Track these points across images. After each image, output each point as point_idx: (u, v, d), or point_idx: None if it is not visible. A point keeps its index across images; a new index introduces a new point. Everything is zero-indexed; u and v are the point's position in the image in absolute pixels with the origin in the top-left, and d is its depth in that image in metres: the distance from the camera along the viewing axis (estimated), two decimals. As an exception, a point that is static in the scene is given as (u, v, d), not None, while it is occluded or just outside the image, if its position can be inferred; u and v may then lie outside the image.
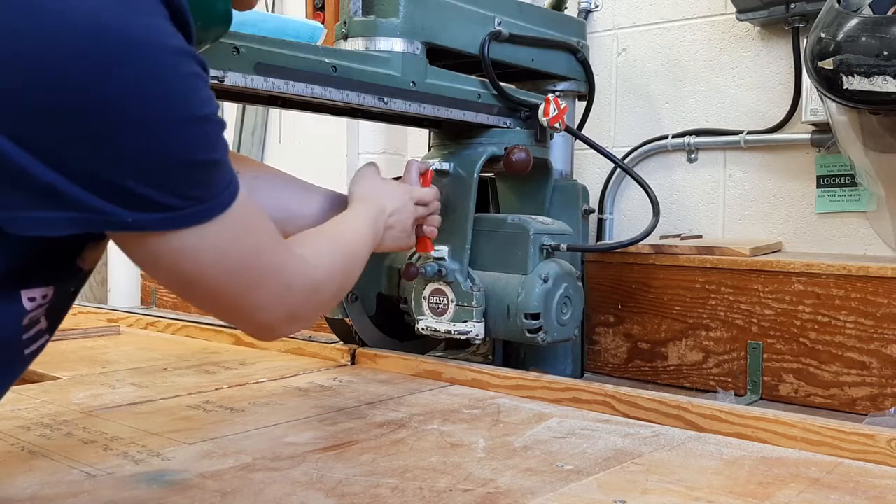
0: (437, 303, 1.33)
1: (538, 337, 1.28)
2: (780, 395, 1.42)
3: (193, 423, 1.04)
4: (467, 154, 1.35)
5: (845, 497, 0.80)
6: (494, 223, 1.36)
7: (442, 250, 1.31)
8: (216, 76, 0.96)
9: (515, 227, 1.33)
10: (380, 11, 1.23)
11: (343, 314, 1.42)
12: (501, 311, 1.30)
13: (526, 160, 1.32)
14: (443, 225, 1.24)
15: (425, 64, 1.25)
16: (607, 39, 1.85)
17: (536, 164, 1.39)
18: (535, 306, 1.28)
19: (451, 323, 1.32)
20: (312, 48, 1.08)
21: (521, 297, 1.28)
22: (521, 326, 1.28)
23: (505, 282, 1.31)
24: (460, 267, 1.32)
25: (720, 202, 1.71)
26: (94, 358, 1.48)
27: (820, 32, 1.25)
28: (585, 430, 1.03)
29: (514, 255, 1.32)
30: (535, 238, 1.31)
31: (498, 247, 1.34)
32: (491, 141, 1.36)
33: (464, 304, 1.31)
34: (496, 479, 0.84)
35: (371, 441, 0.97)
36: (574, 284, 1.34)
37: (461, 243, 1.32)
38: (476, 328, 1.30)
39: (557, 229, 1.36)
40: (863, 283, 1.33)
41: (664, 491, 0.81)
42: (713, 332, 1.49)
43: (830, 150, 1.55)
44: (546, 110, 1.37)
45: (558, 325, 1.31)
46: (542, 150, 1.45)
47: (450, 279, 1.31)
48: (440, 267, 1.32)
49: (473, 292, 1.30)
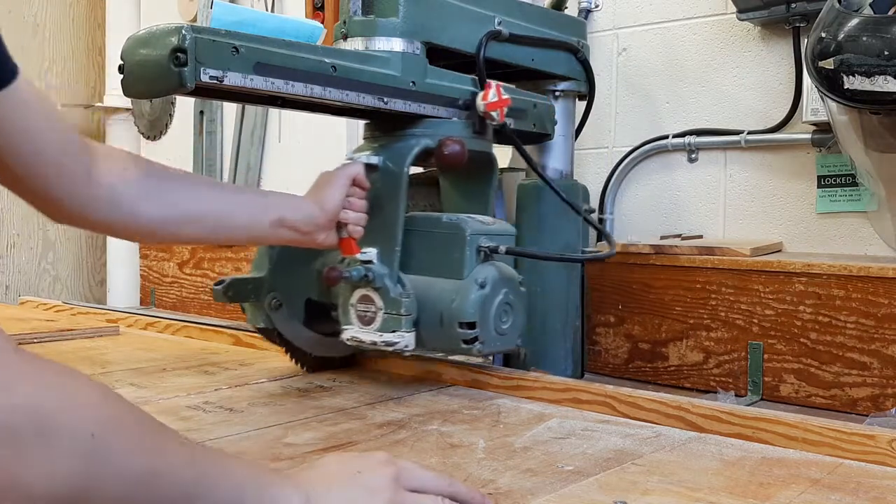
0: (365, 310, 1.19)
1: (473, 348, 1.15)
2: (781, 396, 1.41)
3: (193, 423, 1.04)
4: (398, 147, 1.22)
5: (846, 498, 0.80)
6: (428, 223, 1.23)
7: (369, 252, 1.17)
8: (215, 76, 0.96)
9: (450, 227, 1.20)
10: (379, 11, 1.22)
11: (266, 322, 1.28)
12: (434, 319, 1.17)
13: (460, 153, 1.20)
14: (371, 224, 1.15)
15: (425, 64, 1.24)
16: (608, 39, 1.85)
17: (477, 159, 1.29)
18: (470, 314, 1.14)
19: (378, 333, 1.17)
20: (312, 48, 1.07)
21: (455, 303, 1.15)
22: (456, 336, 1.14)
23: (439, 287, 1.18)
24: (389, 271, 1.17)
25: (721, 202, 1.70)
26: (93, 358, 1.48)
27: (821, 32, 1.24)
28: (586, 431, 1.03)
29: (449, 257, 1.19)
30: (472, 239, 1.18)
31: (432, 249, 1.21)
32: (425, 132, 1.23)
33: (392, 312, 1.16)
34: (496, 479, 0.83)
35: (371, 442, 0.97)
36: (516, 290, 1.21)
37: (391, 245, 1.18)
38: (405, 339, 1.15)
39: (498, 230, 1.23)
40: (864, 283, 1.33)
41: (665, 492, 0.81)
42: (714, 333, 1.49)
43: (831, 149, 1.54)
44: (485, 95, 1.25)
45: (497, 334, 1.17)
46: (482, 142, 1.31)
47: (378, 284, 1.17)
48: (367, 271, 1.17)
49: (403, 299, 1.15)
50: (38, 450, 0.49)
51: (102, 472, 0.52)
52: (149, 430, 0.57)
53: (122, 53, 0.99)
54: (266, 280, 1.26)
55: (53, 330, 1.69)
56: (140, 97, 1.13)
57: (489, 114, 1.25)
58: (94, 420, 0.52)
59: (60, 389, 0.52)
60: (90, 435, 0.51)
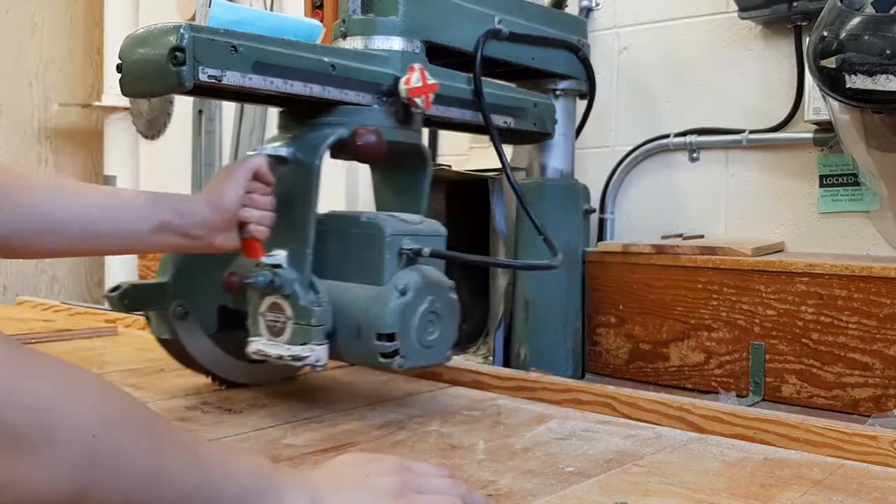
0: (275, 320, 1.06)
1: (394, 362, 1.02)
2: (783, 397, 1.41)
3: (191, 424, 1.03)
4: (311, 137, 1.09)
5: (848, 499, 0.80)
6: (346, 222, 1.11)
7: (278, 255, 1.05)
8: (214, 75, 0.96)
9: (368, 228, 1.07)
10: (379, 10, 1.22)
11: (170, 333, 1.15)
12: (351, 330, 1.04)
13: (376, 144, 1.07)
14: (280, 224, 1.04)
15: (425, 63, 1.24)
16: (608, 38, 1.84)
17: (406, 152, 1.18)
18: (389, 325, 1.01)
19: (286, 346, 1.04)
20: (311, 47, 1.07)
21: (372, 312, 1.02)
22: (374, 349, 1.02)
23: (356, 294, 1.06)
24: (300, 276, 1.05)
25: (722, 202, 1.70)
26: (91, 359, 1.47)
27: (822, 31, 1.24)
28: (586, 432, 1.02)
29: (367, 261, 1.06)
30: (392, 241, 1.05)
31: (349, 251, 1.09)
32: (340, 121, 1.10)
33: (302, 322, 1.03)
34: (497, 480, 0.83)
35: (371, 442, 0.96)
36: (444, 297, 1.07)
37: (301, 246, 1.06)
38: (315, 352, 1.02)
39: (424, 230, 1.10)
40: (866, 283, 1.32)
41: (666, 493, 0.80)
42: (715, 333, 1.48)
43: (833, 149, 1.54)
44: (408, 79, 1.13)
45: (421, 347, 1.04)
46: (408, 133, 1.18)
47: (286, 291, 1.04)
48: (275, 276, 1.04)
49: (314, 308, 1.03)
50: (39, 449, 0.48)
51: (103, 472, 0.52)
52: (151, 429, 0.56)
53: (121, 52, 0.99)
54: (170, 286, 1.13)
55: (51, 330, 1.68)
56: (138, 96, 1.12)
57: (413, 100, 1.13)
58: (95, 420, 0.52)
59: (62, 388, 0.51)
60: (92, 435, 0.51)
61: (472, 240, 1.88)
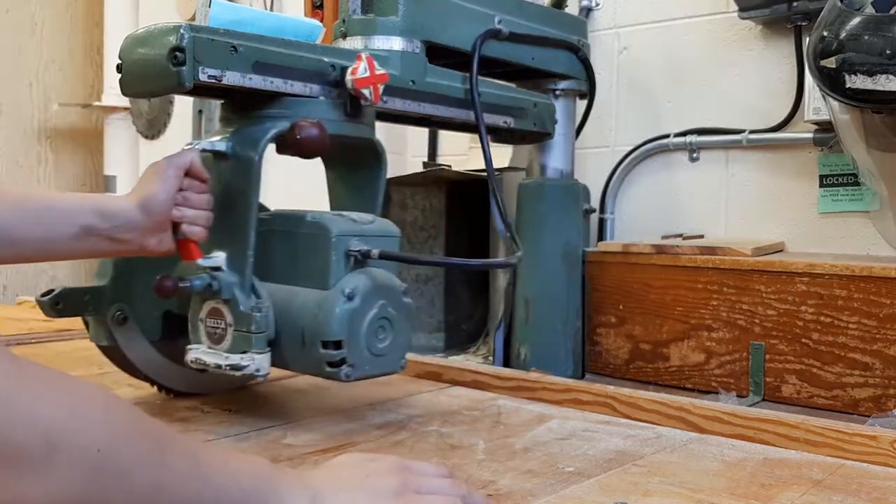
0: (215, 327, 1.00)
1: (341, 372, 0.96)
2: (783, 397, 1.41)
3: (192, 424, 1.03)
4: (251, 131, 1.02)
5: (848, 499, 0.80)
6: (290, 222, 1.04)
7: (217, 257, 0.99)
8: (214, 75, 0.96)
9: (314, 228, 1.01)
10: (379, 10, 1.22)
11: (109, 339, 1.08)
12: (296, 337, 0.98)
13: (318, 138, 1.00)
14: (220, 224, 0.99)
15: (425, 63, 1.24)
16: (608, 38, 1.84)
17: (357, 148, 1.12)
18: (335, 331, 0.95)
19: (224, 354, 0.98)
20: (311, 47, 1.07)
21: (317, 318, 0.96)
22: (319, 357, 0.96)
23: (301, 299, 0.99)
24: (240, 279, 0.98)
25: (722, 202, 1.70)
26: (91, 359, 1.47)
27: (822, 31, 1.24)
28: (586, 432, 1.02)
29: (313, 263, 1.00)
30: (339, 241, 0.99)
31: (294, 253, 1.03)
32: (283, 114, 1.03)
33: (242, 329, 0.97)
34: (497, 480, 0.83)
35: (370, 442, 0.96)
36: (396, 302, 1.01)
37: (242, 248, 0.99)
38: (256, 361, 0.96)
39: (375, 230, 1.04)
40: (866, 283, 1.32)
41: (666, 493, 0.80)
42: (715, 333, 1.48)
43: (833, 149, 1.54)
44: (354, 69, 1.05)
45: (371, 355, 0.98)
46: (357, 127, 1.10)
47: (226, 296, 0.98)
48: (212, 279, 0.98)
49: (254, 314, 0.97)
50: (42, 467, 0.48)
51: (106, 486, 0.52)
52: (155, 441, 0.56)
53: (121, 52, 0.99)
54: (108, 289, 1.07)
55: (51, 330, 1.68)
56: (138, 96, 1.11)
57: (360, 91, 1.06)
58: (99, 435, 0.52)
59: (67, 404, 0.51)
60: (96, 450, 0.51)
61: (472, 240, 1.88)
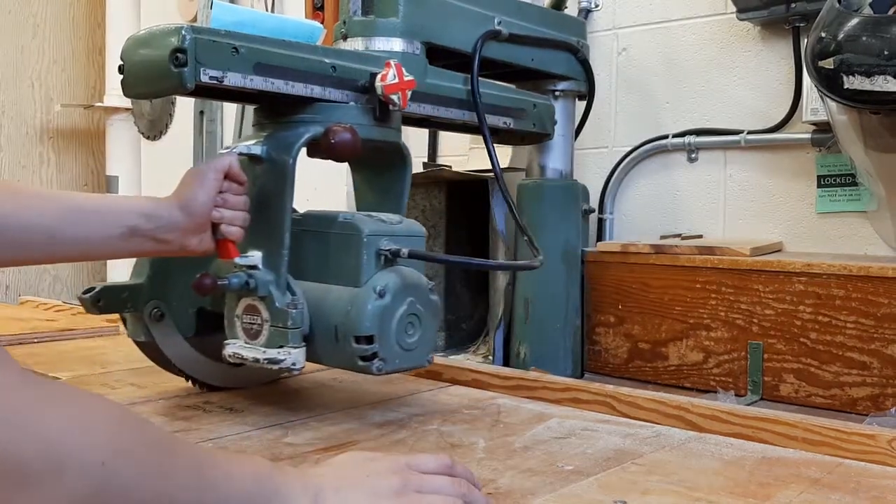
0: (251, 323, 1.04)
1: (373, 365, 1.00)
2: (781, 396, 1.41)
3: (193, 423, 1.04)
4: (284, 135, 1.07)
5: (846, 497, 0.80)
6: (322, 222, 1.09)
7: (253, 256, 1.03)
8: (215, 76, 0.96)
9: (346, 228, 1.05)
10: (379, 11, 1.22)
11: (146, 335, 1.12)
12: (329, 332, 1.02)
13: (351, 143, 1.04)
14: (255, 224, 1.03)
15: (425, 64, 1.24)
16: (607, 39, 1.85)
17: (385, 151, 1.16)
18: (367, 327, 0.99)
19: (262, 349, 1.02)
20: (312, 48, 1.07)
21: (350, 315, 1.00)
22: (352, 352, 1.00)
23: (334, 296, 1.03)
24: (276, 277, 1.02)
25: (720, 202, 1.71)
26: (93, 358, 1.48)
27: (820, 32, 1.24)
28: (586, 431, 1.03)
29: (345, 262, 1.04)
30: (370, 241, 1.03)
31: (326, 252, 1.07)
32: (315, 118, 1.07)
33: (279, 324, 1.01)
34: (496, 479, 0.83)
35: (371, 441, 0.97)
36: (424, 299, 1.05)
37: (277, 247, 1.03)
38: (293, 355, 1.00)
39: (403, 230, 1.08)
40: (863, 283, 1.33)
41: (664, 491, 0.81)
42: (714, 333, 1.49)
43: (831, 149, 1.55)
44: (383, 75, 1.10)
45: (401, 350, 1.02)
46: (386, 131, 1.15)
47: (262, 293, 1.02)
48: (249, 277, 1.02)
49: (290, 310, 1.01)
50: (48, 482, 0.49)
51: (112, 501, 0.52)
52: (159, 452, 0.57)
53: (122, 53, 0.99)
54: (145, 287, 1.11)
55: (54, 330, 1.69)
56: (140, 97, 1.12)
57: (389, 97, 1.10)
58: (104, 450, 0.52)
59: (72, 420, 0.52)
60: (100, 464, 0.52)
61: (472, 240, 1.89)
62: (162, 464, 0.57)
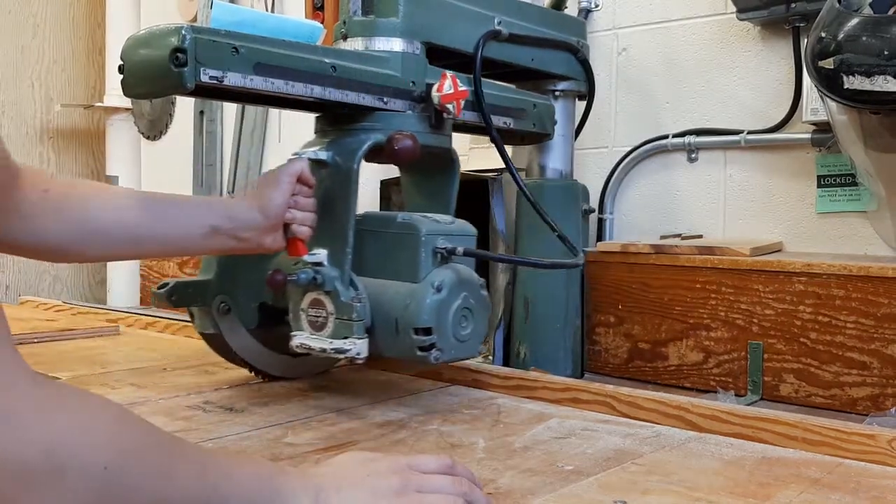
0: (316, 316, 1.12)
1: (431, 355, 1.08)
2: (781, 396, 1.41)
3: (193, 423, 1.04)
4: (348, 142, 1.15)
5: (846, 497, 0.80)
6: (382, 222, 1.17)
7: (319, 254, 1.11)
8: (215, 76, 0.96)
9: (404, 227, 1.13)
10: (379, 11, 1.22)
11: (214, 328, 1.21)
12: (389, 325, 1.10)
13: (412, 148, 1.12)
14: (321, 224, 1.10)
15: (425, 64, 1.24)
16: (607, 39, 1.85)
17: (436, 156, 1.24)
18: (425, 319, 1.07)
19: (328, 340, 1.10)
20: (312, 48, 1.08)
21: (409, 308, 1.08)
22: (411, 343, 1.07)
23: (393, 291, 1.11)
24: (340, 273, 1.10)
25: (720, 202, 1.71)
26: (93, 358, 1.48)
27: (820, 32, 1.24)
28: (586, 431, 1.03)
29: (404, 259, 1.12)
30: (428, 240, 1.11)
31: (386, 250, 1.15)
32: (375, 126, 1.15)
33: (343, 317, 1.09)
34: (496, 479, 0.83)
35: (371, 441, 0.97)
36: (476, 294, 1.14)
37: (341, 246, 1.11)
38: (357, 345, 1.08)
39: (456, 230, 1.16)
40: (863, 283, 1.33)
41: (664, 491, 0.81)
42: (714, 333, 1.49)
43: (831, 149, 1.55)
44: (440, 86, 1.18)
45: (456, 341, 1.10)
46: (440, 137, 1.24)
47: (328, 288, 1.10)
48: (316, 273, 1.10)
49: (354, 304, 1.09)
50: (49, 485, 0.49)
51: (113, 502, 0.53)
52: (162, 454, 0.58)
53: (122, 53, 0.99)
54: (213, 283, 1.20)
55: (53, 330, 1.69)
56: (140, 97, 1.13)
57: (445, 106, 1.19)
58: (107, 452, 0.53)
59: (75, 423, 0.52)
60: (102, 468, 0.52)
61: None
62: (163, 466, 0.57)
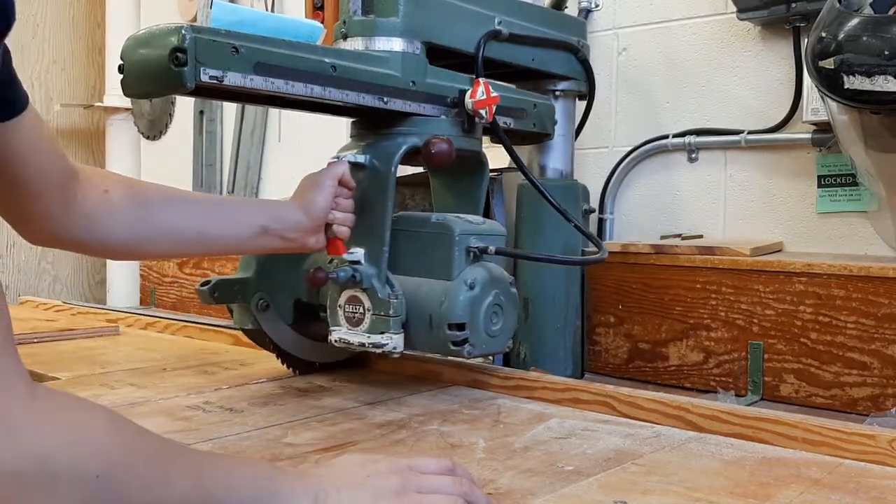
0: (353, 312, 1.17)
1: (464, 350, 1.13)
2: (781, 396, 1.41)
3: (193, 423, 1.04)
4: (385, 146, 1.20)
5: (846, 497, 0.80)
6: (416, 222, 1.21)
7: (357, 253, 1.16)
8: (215, 76, 0.96)
9: (439, 228, 1.18)
10: (379, 11, 1.22)
11: (254, 323, 1.28)
12: (423, 320, 1.15)
13: (447, 152, 1.18)
14: (358, 224, 1.14)
15: (425, 63, 1.24)
16: (608, 39, 1.85)
17: (467, 158, 1.29)
18: (459, 315, 1.12)
19: (366, 335, 1.15)
20: (312, 48, 1.08)
21: (444, 305, 1.12)
22: (445, 338, 1.12)
23: (427, 288, 1.16)
24: (377, 272, 1.16)
25: (721, 202, 1.70)
26: (93, 358, 1.48)
27: (821, 32, 1.24)
28: (586, 431, 1.03)
29: (438, 258, 1.17)
30: (461, 239, 1.16)
31: (420, 249, 1.19)
32: (412, 131, 1.21)
33: (381, 313, 1.14)
34: (496, 479, 0.83)
35: (371, 442, 0.97)
36: (506, 291, 1.18)
37: (378, 245, 1.16)
38: (394, 340, 1.14)
39: (487, 230, 1.20)
40: (864, 283, 1.33)
41: (664, 491, 0.81)
42: (714, 333, 1.49)
43: (831, 149, 1.54)
44: (473, 92, 1.23)
45: (487, 336, 1.15)
46: (471, 141, 1.29)
47: (365, 285, 1.15)
48: (354, 272, 1.15)
49: (391, 300, 1.14)
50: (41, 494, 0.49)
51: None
52: (156, 460, 0.58)
53: (122, 53, 0.99)
54: (253, 281, 1.26)
55: (53, 330, 1.69)
56: (140, 97, 1.13)
57: (477, 112, 1.23)
58: (99, 461, 0.53)
59: (69, 430, 0.52)
60: (95, 476, 0.52)
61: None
62: (159, 473, 0.57)
